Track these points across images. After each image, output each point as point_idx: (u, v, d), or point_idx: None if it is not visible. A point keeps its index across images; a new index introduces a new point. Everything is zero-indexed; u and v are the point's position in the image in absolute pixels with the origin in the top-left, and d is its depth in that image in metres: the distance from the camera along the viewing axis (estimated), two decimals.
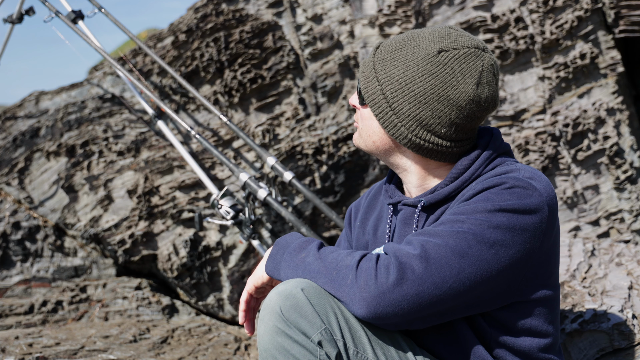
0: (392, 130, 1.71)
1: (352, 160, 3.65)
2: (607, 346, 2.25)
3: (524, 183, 1.59)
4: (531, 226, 1.57)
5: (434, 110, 1.66)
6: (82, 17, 3.58)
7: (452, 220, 1.58)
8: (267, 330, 1.54)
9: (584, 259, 2.92)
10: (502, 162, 1.71)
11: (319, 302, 1.55)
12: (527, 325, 1.64)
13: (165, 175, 3.54)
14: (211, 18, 3.75)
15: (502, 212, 1.56)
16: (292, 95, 3.68)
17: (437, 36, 1.68)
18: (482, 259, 1.54)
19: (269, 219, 3.50)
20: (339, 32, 3.74)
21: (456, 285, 1.53)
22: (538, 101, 3.60)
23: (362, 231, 1.93)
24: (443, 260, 1.53)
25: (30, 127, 3.71)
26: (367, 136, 1.76)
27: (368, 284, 1.52)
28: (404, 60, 1.68)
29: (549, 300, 1.67)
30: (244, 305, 1.78)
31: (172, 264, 3.44)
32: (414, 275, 1.51)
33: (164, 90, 3.66)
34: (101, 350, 2.77)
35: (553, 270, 1.68)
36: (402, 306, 1.51)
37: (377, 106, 1.71)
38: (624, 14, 3.61)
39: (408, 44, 1.70)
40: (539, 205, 1.59)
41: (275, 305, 1.54)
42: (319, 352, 1.52)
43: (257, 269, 1.77)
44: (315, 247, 1.65)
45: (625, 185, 3.58)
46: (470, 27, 3.63)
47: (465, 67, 1.65)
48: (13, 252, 3.45)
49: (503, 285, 1.58)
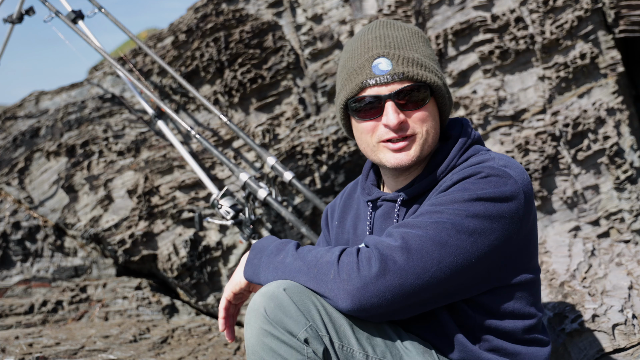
0: (448, 110, 1.77)
1: (352, 160, 3.65)
2: (607, 346, 2.25)
3: (499, 171, 1.62)
4: (508, 213, 1.60)
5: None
6: (82, 17, 3.58)
7: (431, 211, 1.61)
8: (253, 333, 1.56)
9: (584, 259, 2.92)
10: (476, 151, 1.75)
11: (302, 301, 1.57)
12: (510, 308, 1.68)
13: (165, 175, 3.54)
14: (211, 18, 3.75)
15: (479, 201, 1.59)
16: (292, 95, 3.68)
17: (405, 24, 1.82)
18: (461, 247, 1.57)
19: (269, 219, 3.50)
20: (339, 32, 3.74)
21: (437, 274, 1.56)
22: (538, 101, 3.60)
23: (340, 230, 1.95)
24: (424, 251, 1.56)
25: (30, 127, 3.71)
26: (433, 138, 1.74)
27: (351, 277, 1.55)
28: (420, 41, 1.74)
29: (530, 283, 1.71)
30: (224, 312, 1.80)
31: (172, 264, 3.44)
32: (396, 266, 1.54)
33: (164, 90, 3.66)
34: (101, 350, 2.77)
35: (532, 254, 1.72)
36: (385, 297, 1.54)
37: (442, 89, 1.73)
38: (624, 14, 3.61)
39: (406, 30, 1.75)
40: (514, 193, 1.62)
41: (260, 307, 1.56)
42: (306, 350, 1.54)
43: (235, 275, 1.78)
44: (293, 248, 1.68)
45: (625, 185, 3.58)
46: (471, 27, 3.63)
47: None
48: (13, 252, 3.45)
49: (483, 272, 1.62)
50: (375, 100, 1.69)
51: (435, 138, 1.73)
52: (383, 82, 1.68)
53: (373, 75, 1.68)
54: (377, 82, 1.68)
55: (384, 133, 1.70)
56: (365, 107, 1.71)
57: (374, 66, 1.69)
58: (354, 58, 1.73)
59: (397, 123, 1.67)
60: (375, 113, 1.70)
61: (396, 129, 1.68)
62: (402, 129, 1.69)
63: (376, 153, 1.74)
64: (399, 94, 1.67)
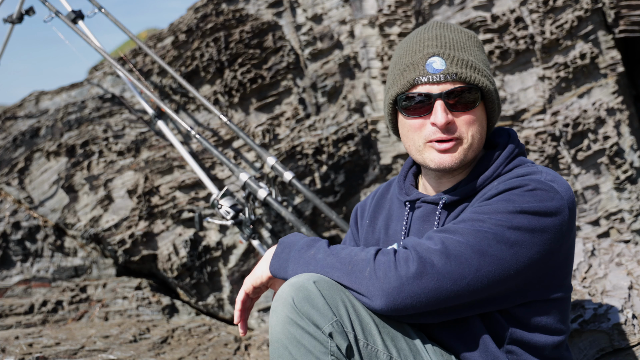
0: (497, 117, 1.77)
1: (352, 160, 3.65)
2: (607, 346, 2.25)
3: (546, 186, 1.62)
4: (551, 228, 1.60)
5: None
6: (82, 17, 3.58)
7: (473, 219, 1.60)
8: (279, 321, 1.56)
9: (584, 259, 2.92)
10: (522, 162, 1.74)
11: (331, 295, 1.56)
12: (543, 322, 1.67)
13: (165, 175, 3.54)
14: (211, 18, 3.75)
15: (523, 214, 1.58)
16: (292, 95, 3.68)
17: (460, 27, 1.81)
18: (501, 258, 1.56)
19: (269, 219, 3.50)
20: (339, 32, 3.74)
21: (474, 282, 1.56)
22: (538, 101, 3.60)
23: (371, 230, 1.94)
24: (463, 257, 1.55)
25: (30, 127, 3.71)
26: (478, 143, 1.73)
27: (388, 276, 1.55)
28: (475, 45, 1.74)
29: (564, 299, 1.71)
30: (240, 305, 1.79)
31: (172, 264, 3.44)
32: (434, 270, 1.54)
33: (164, 90, 3.66)
34: (101, 350, 2.77)
35: (569, 271, 1.71)
36: (420, 299, 1.54)
37: (493, 94, 1.72)
38: (624, 14, 3.61)
39: (463, 33, 1.75)
40: (559, 208, 1.61)
41: (288, 297, 1.56)
42: (329, 344, 1.53)
43: (257, 269, 1.77)
44: (325, 245, 1.67)
45: (625, 185, 3.58)
46: (471, 27, 3.63)
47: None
48: (13, 252, 3.45)
49: (520, 285, 1.61)
50: (426, 98, 1.68)
51: (480, 143, 1.73)
52: (435, 81, 1.67)
53: (426, 73, 1.68)
54: (430, 80, 1.68)
55: (431, 133, 1.70)
56: (414, 104, 1.70)
57: (427, 64, 1.68)
58: (408, 55, 1.73)
59: (444, 123, 1.66)
60: (424, 111, 1.69)
61: (443, 129, 1.68)
62: (449, 130, 1.68)
63: (421, 152, 1.73)
64: (449, 94, 1.67)
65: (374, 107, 3.69)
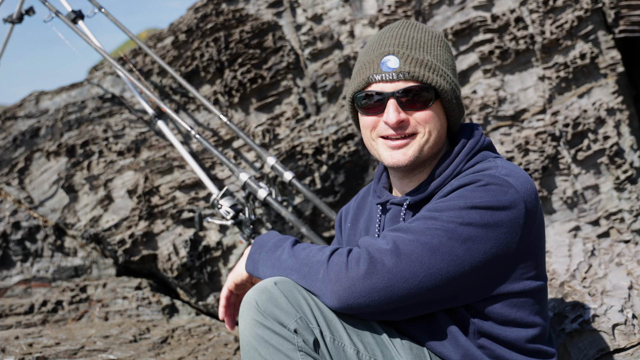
0: (457, 116, 1.77)
1: (352, 160, 3.65)
2: (607, 346, 2.25)
3: (500, 180, 1.62)
4: (506, 222, 1.60)
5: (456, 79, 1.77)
6: (82, 17, 3.58)
7: (426, 217, 1.62)
8: (246, 324, 1.60)
9: (584, 259, 2.92)
10: (484, 157, 1.75)
11: (292, 295, 1.61)
12: (512, 316, 1.68)
13: (165, 175, 3.54)
14: (211, 18, 3.75)
15: (475, 209, 1.59)
16: (292, 95, 3.68)
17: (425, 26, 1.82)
18: (453, 254, 1.58)
19: (269, 219, 3.50)
20: (339, 32, 3.74)
21: (427, 280, 1.57)
22: (538, 101, 3.60)
23: (353, 232, 1.97)
24: (414, 255, 1.57)
25: (30, 127, 3.71)
26: (435, 140, 1.74)
27: (339, 277, 1.58)
28: (438, 45, 1.74)
29: (534, 292, 1.70)
30: (224, 301, 1.89)
31: (172, 264, 3.44)
32: (384, 269, 1.56)
33: (164, 90, 3.66)
34: (101, 350, 2.77)
35: (538, 263, 1.71)
36: (372, 297, 1.57)
37: (449, 93, 1.72)
38: (624, 14, 3.61)
39: (425, 32, 1.75)
40: (513, 202, 1.61)
41: (252, 300, 1.61)
42: (296, 339, 1.57)
43: (237, 267, 1.85)
44: (289, 245, 1.72)
45: (625, 185, 3.58)
46: (471, 27, 3.63)
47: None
48: (13, 252, 3.45)
49: (479, 279, 1.62)
50: (379, 96, 1.70)
51: (437, 141, 1.73)
52: (388, 79, 1.69)
53: (380, 71, 1.70)
54: (383, 79, 1.70)
55: (383, 129, 1.72)
56: (369, 102, 1.72)
57: (382, 63, 1.70)
58: (368, 53, 1.76)
59: (395, 122, 1.69)
60: (377, 109, 1.72)
61: (395, 127, 1.70)
62: (402, 128, 1.70)
63: (375, 148, 1.76)
64: (402, 93, 1.68)
65: None
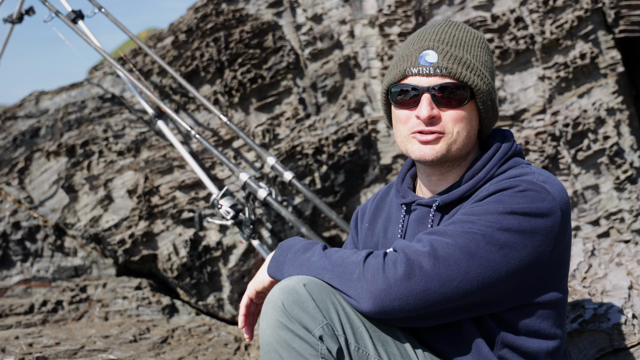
0: (491, 119, 1.75)
1: (352, 160, 3.65)
2: (607, 346, 2.25)
3: (538, 187, 1.60)
4: (543, 230, 1.58)
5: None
6: (82, 17, 3.58)
7: (463, 221, 1.59)
8: (269, 325, 1.55)
9: (584, 259, 2.92)
10: (516, 163, 1.73)
11: (321, 298, 1.56)
12: (536, 327, 1.65)
13: (165, 175, 3.54)
14: (211, 18, 3.75)
15: (513, 215, 1.56)
16: (292, 95, 3.68)
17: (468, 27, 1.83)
18: (490, 260, 1.55)
19: (269, 219, 3.50)
20: (339, 32, 3.74)
21: (463, 285, 1.54)
22: (538, 101, 3.60)
23: (370, 232, 1.93)
24: (451, 259, 1.54)
25: (30, 127, 3.71)
26: (464, 141, 1.71)
27: (375, 278, 1.53)
28: (479, 46, 1.74)
29: (558, 303, 1.68)
30: (244, 309, 1.79)
31: (172, 263, 3.44)
32: (422, 272, 1.53)
33: (164, 90, 3.66)
34: (101, 350, 2.77)
35: (563, 274, 1.69)
36: (408, 301, 1.53)
37: (485, 95, 1.71)
38: (624, 13, 3.61)
39: (468, 32, 1.76)
40: (551, 209, 1.59)
41: (278, 300, 1.55)
42: (320, 347, 1.53)
43: (259, 274, 1.77)
44: (320, 248, 1.67)
45: (625, 185, 3.58)
46: (470, 27, 3.63)
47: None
48: (13, 252, 3.45)
49: (512, 287, 1.59)
50: (414, 89, 1.68)
51: (466, 142, 1.71)
52: (425, 73, 1.67)
53: (417, 64, 1.68)
54: (419, 72, 1.68)
55: (415, 124, 1.70)
56: (403, 95, 1.70)
57: (420, 56, 1.69)
58: (407, 46, 1.74)
59: (427, 116, 1.66)
60: (411, 103, 1.69)
61: (426, 122, 1.67)
62: (433, 124, 1.68)
63: (405, 143, 1.73)
64: (437, 89, 1.67)
65: (374, 107, 3.69)
